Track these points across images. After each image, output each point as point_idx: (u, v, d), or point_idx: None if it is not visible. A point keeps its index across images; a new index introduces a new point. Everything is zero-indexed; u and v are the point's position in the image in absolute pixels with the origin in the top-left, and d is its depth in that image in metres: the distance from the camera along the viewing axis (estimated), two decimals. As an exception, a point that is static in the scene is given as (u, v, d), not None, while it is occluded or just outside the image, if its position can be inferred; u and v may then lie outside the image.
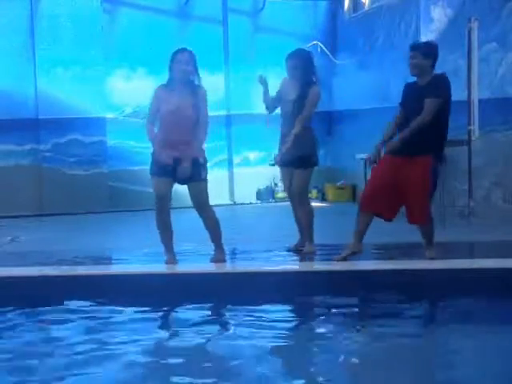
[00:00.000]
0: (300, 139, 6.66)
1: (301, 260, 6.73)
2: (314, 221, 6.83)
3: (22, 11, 11.38)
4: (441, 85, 6.14)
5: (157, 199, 6.27)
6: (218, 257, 6.45)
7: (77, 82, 11.46)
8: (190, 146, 6.20)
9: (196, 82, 6.27)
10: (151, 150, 6.34)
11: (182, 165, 6.14)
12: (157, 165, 6.26)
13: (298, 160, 6.68)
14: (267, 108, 7.03)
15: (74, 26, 11.48)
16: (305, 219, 6.78)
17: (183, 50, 6.22)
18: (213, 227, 6.44)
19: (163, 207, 6.29)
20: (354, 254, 6.27)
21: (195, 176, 6.25)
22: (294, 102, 6.69)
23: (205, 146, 6.40)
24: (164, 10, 12.09)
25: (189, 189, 6.34)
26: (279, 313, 5.39)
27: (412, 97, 6.19)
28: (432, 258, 6.26)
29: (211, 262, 6.44)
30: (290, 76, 6.80)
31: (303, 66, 6.72)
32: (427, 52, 6.18)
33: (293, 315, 5.39)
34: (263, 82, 6.92)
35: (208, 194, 6.37)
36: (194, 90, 6.23)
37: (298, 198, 6.77)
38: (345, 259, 6.23)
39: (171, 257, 6.40)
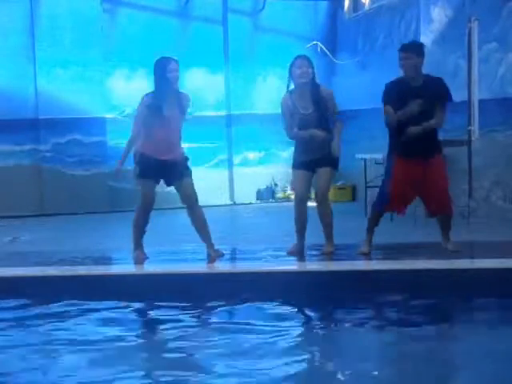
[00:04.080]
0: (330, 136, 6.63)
1: (300, 260, 6.73)
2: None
3: (22, 11, 11.38)
4: (447, 89, 6.31)
5: (144, 201, 6.40)
6: (216, 254, 6.51)
7: (77, 82, 11.46)
8: (177, 149, 6.40)
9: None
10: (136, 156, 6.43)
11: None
12: (144, 167, 6.34)
13: (335, 160, 6.60)
14: (291, 137, 6.62)
15: (73, 26, 11.49)
16: (329, 218, 6.66)
17: (171, 59, 6.30)
18: (204, 226, 6.53)
19: (149, 209, 6.44)
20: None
21: (185, 172, 6.41)
22: (314, 112, 6.44)
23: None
24: (164, 10, 12.09)
25: (180, 187, 6.43)
26: (279, 313, 5.39)
27: (409, 98, 6.20)
28: (457, 251, 6.44)
29: (209, 262, 6.47)
30: (300, 82, 6.43)
31: (313, 73, 6.50)
32: (420, 51, 6.31)
33: (293, 315, 5.38)
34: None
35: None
36: (181, 98, 6.36)
37: (325, 197, 6.64)
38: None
39: (141, 252, 6.54)
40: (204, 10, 12.20)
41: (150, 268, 6.42)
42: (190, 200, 6.45)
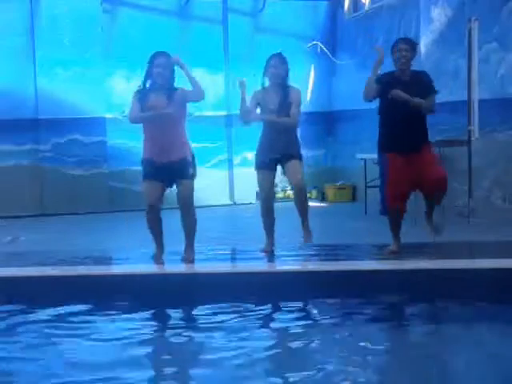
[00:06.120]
0: (294, 137, 6.74)
1: (300, 260, 6.73)
2: None
3: (22, 11, 11.39)
4: (432, 82, 6.44)
5: (147, 202, 6.32)
6: (190, 256, 6.49)
7: (77, 82, 11.47)
8: (177, 149, 6.28)
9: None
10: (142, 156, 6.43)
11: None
12: (145, 169, 6.34)
13: (298, 152, 6.69)
14: (244, 118, 6.77)
15: (74, 26, 11.49)
16: (306, 208, 6.71)
17: (160, 53, 6.26)
18: (192, 227, 6.48)
19: (152, 212, 6.32)
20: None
21: (184, 174, 6.31)
22: (279, 111, 6.61)
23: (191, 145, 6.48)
24: (164, 10, 12.10)
25: (178, 188, 6.38)
26: (279, 313, 5.40)
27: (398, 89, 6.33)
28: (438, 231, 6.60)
29: (182, 261, 6.47)
30: (274, 82, 6.66)
31: (286, 73, 6.69)
32: (415, 47, 6.52)
33: (292, 315, 5.39)
34: (243, 87, 6.60)
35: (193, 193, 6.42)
36: (176, 94, 6.28)
37: (301, 187, 6.66)
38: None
39: (158, 252, 6.50)
40: (204, 10, 12.21)
41: (150, 268, 6.42)
42: (183, 203, 6.36)
